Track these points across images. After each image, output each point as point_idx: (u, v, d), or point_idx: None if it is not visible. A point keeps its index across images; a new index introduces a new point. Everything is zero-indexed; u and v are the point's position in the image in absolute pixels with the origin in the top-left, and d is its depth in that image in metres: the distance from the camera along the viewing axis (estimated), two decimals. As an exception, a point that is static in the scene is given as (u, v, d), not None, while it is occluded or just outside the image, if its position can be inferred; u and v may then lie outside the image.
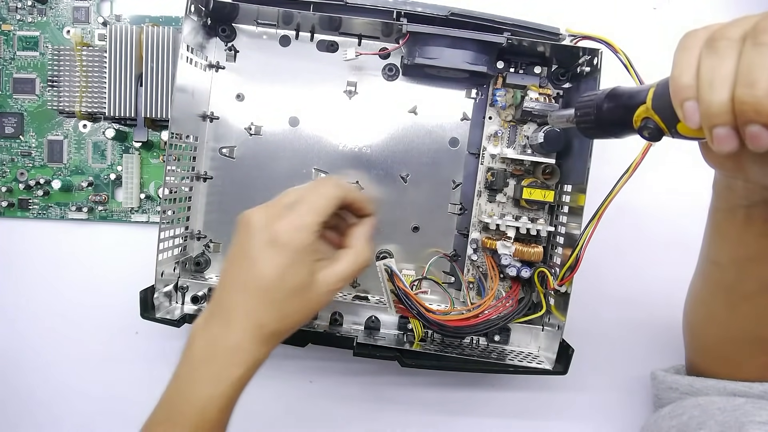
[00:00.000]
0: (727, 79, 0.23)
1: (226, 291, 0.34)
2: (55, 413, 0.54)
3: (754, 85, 0.22)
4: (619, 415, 0.55)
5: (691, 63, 0.24)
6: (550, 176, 0.48)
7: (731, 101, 0.23)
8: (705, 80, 0.23)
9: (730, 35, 0.24)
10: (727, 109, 0.23)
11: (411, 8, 0.44)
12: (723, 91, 0.23)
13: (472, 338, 0.49)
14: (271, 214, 0.33)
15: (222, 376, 0.32)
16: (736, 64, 0.23)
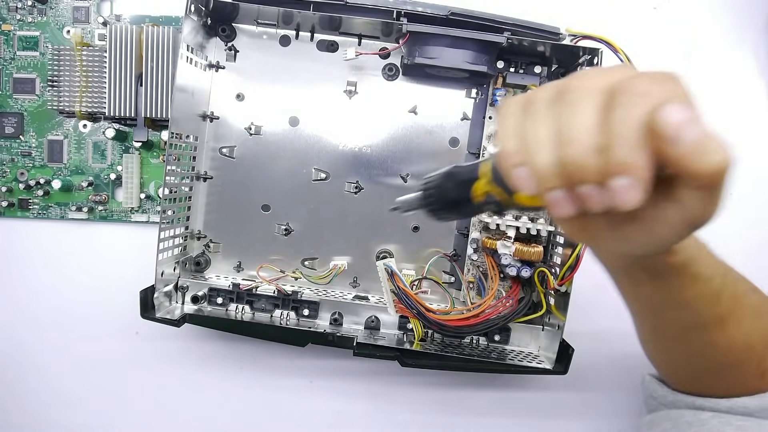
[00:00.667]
0: (547, 141, 0.22)
1: None
2: (55, 413, 0.54)
3: (572, 143, 0.21)
4: (619, 415, 0.55)
5: (513, 129, 0.23)
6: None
7: (557, 163, 0.21)
8: (527, 145, 0.22)
9: (542, 96, 0.23)
10: (555, 171, 0.22)
11: (411, 8, 0.44)
12: (547, 153, 0.22)
13: (472, 338, 0.49)
14: None
15: None
16: (553, 124, 0.22)
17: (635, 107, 0.20)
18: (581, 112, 0.21)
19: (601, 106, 0.21)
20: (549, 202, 0.22)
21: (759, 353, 0.36)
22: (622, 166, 0.20)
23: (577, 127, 0.21)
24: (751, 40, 0.54)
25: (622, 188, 0.20)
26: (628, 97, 0.20)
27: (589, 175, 0.21)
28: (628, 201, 0.20)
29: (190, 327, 0.47)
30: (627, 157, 0.20)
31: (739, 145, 0.55)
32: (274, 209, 0.50)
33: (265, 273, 0.49)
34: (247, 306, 0.49)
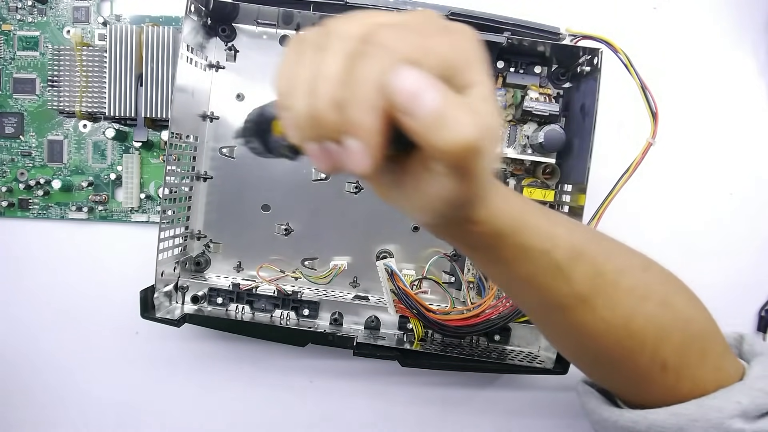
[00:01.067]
0: (303, 87, 0.20)
1: None
2: (55, 413, 0.54)
3: (316, 93, 0.19)
4: (619, 415, 0.55)
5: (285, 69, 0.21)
6: (551, 176, 0.48)
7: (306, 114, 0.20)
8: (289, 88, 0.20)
9: (308, 38, 0.20)
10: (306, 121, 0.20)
11: (411, 8, 0.44)
12: (300, 100, 0.20)
13: (472, 338, 0.49)
14: None
15: None
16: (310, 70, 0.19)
17: (375, 63, 0.18)
18: (328, 60, 0.19)
19: (349, 54, 0.18)
20: (309, 155, 0.21)
21: (651, 342, 0.29)
22: (352, 126, 0.18)
23: (323, 76, 0.19)
24: (751, 40, 0.54)
25: (353, 151, 0.19)
26: (373, 49, 0.18)
27: (327, 129, 0.19)
28: (357, 166, 0.19)
29: (190, 327, 0.47)
30: (358, 118, 0.18)
31: (739, 145, 0.56)
32: (274, 209, 0.50)
33: (265, 273, 0.49)
34: (247, 306, 0.49)
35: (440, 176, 0.20)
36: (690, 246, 0.54)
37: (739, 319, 0.54)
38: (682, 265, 0.56)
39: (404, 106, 0.17)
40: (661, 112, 0.40)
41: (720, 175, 0.54)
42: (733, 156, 0.54)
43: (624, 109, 0.48)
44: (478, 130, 0.18)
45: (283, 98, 0.21)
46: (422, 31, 0.19)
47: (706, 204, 0.54)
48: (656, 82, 0.40)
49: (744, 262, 0.54)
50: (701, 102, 0.54)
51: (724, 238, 0.54)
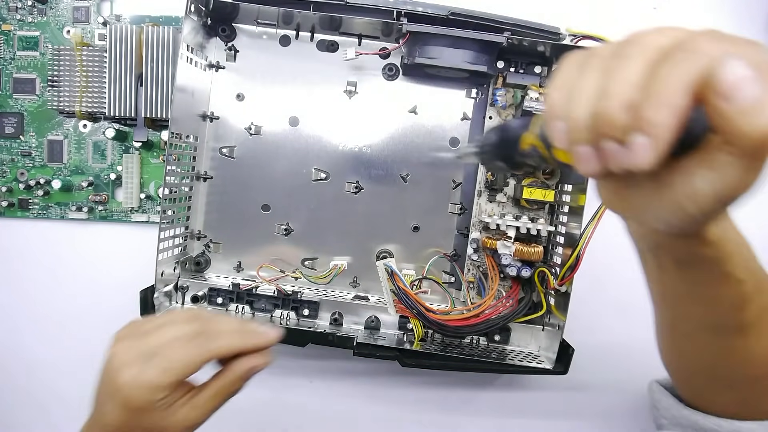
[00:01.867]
0: (588, 93, 0.21)
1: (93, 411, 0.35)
2: (55, 413, 0.54)
3: (607, 96, 0.20)
4: (619, 415, 0.55)
5: (563, 81, 0.23)
6: (551, 176, 0.48)
7: (590, 116, 0.21)
8: (571, 96, 0.22)
9: (601, 53, 0.22)
10: (586, 124, 0.21)
11: (411, 8, 0.44)
12: (582, 106, 0.21)
13: (472, 338, 0.49)
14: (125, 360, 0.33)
15: None
16: (600, 77, 0.21)
17: (685, 63, 0.19)
18: (628, 66, 0.20)
19: (651, 61, 0.20)
20: (576, 158, 0.22)
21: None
22: (644, 122, 0.19)
23: (619, 81, 0.20)
24: (751, 40, 0.54)
25: (639, 147, 0.19)
26: (683, 54, 0.19)
27: (613, 130, 0.20)
28: (641, 160, 0.19)
29: None
30: (653, 113, 0.19)
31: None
32: (274, 209, 0.50)
33: (265, 273, 0.49)
34: (247, 306, 0.49)
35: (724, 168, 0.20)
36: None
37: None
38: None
39: (726, 93, 0.18)
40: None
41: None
42: None
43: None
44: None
45: (559, 107, 0.22)
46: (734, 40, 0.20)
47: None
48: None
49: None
50: (701, 102, 0.54)
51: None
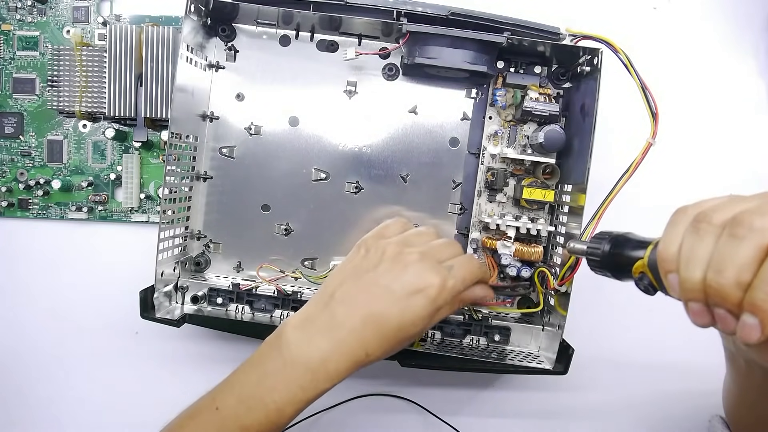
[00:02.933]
0: (702, 261, 0.25)
1: (349, 309, 0.35)
2: (55, 413, 0.54)
3: (721, 272, 0.24)
4: (619, 415, 0.55)
5: (676, 238, 0.27)
6: (551, 176, 0.48)
7: (703, 281, 0.24)
8: (684, 258, 0.26)
9: (713, 220, 0.25)
10: (700, 287, 0.25)
11: (411, 8, 0.44)
12: (697, 271, 0.25)
13: (472, 338, 0.49)
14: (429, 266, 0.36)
15: (311, 384, 0.34)
16: (712, 249, 0.24)
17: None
18: (741, 250, 0.23)
19: (761, 248, 0.23)
20: (689, 310, 0.26)
21: None
22: (755, 307, 0.23)
23: (732, 261, 0.23)
24: (751, 41, 0.54)
25: (748, 325, 0.23)
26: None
27: (726, 303, 0.24)
28: (749, 337, 0.23)
29: (190, 327, 0.47)
30: (764, 302, 0.22)
31: (739, 146, 0.56)
32: (274, 209, 0.50)
33: (265, 273, 0.49)
34: (247, 306, 0.49)
35: None
36: (690, 246, 0.54)
37: (739, 319, 0.54)
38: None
39: None
40: (661, 112, 0.40)
41: (720, 175, 0.54)
42: (733, 156, 0.54)
43: (624, 109, 0.48)
44: None
45: (674, 263, 0.26)
46: None
47: (706, 204, 0.54)
48: (656, 82, 0.40)
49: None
50: (701, 102, 0.54)
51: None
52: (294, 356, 0.34)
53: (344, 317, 0.35)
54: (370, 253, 0.38)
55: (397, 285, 0.35)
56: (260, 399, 0.34)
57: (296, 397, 0.34)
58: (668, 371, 0.54)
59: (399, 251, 0.37)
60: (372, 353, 0.35)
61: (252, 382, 0.35)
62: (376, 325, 0.34)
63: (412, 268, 0.36)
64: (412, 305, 0.35)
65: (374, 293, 0.35)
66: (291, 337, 0.35)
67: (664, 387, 0.55)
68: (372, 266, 0.37)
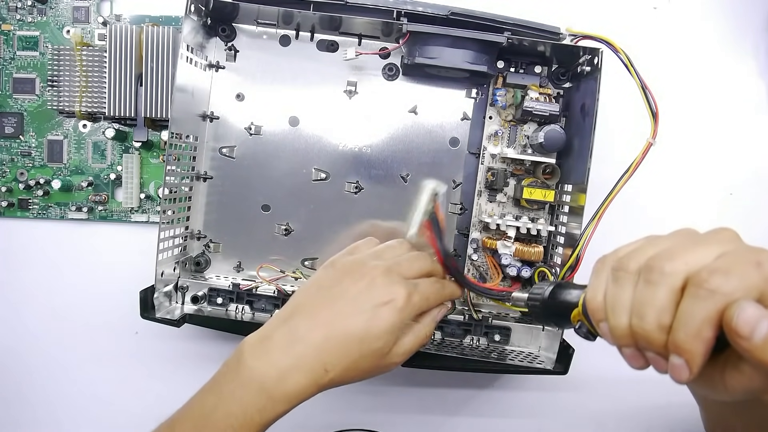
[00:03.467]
0: (625, 309, 0.26)
1: (310, 324, 0.34)
2: (55, 413, 0.54)
3: (643, 318, 0.25)
4: (619, 415, 0.55)
5: (600, 288, 0.28)
6: (551, 176, 0.48)
7: (629, 327, 0.25)
8: (609, 307, 0.27)
9: (629, 268, 0.26)
10: (628, 333, 0.26)
11: (411, 8, 0.44)
12: (623, 318, 0.26)
13: (473, 338, 0.49)
14: (395, 280, 0.35)
15: (267, 406, 0.32)
16: (632, 295, 0.26)
17: (704, 303, 0.23)
18: (657, 295, 0.24)
19: (675, 291, 0.24)
20: (624, 355, 0.27)
21: None
22: (679, 349, 0.23)
23: (651, 306, 0.24)
24: (751, 41, 0.54)
25: (676, 366, 0.24)
26: (702, 292, 0.23)
27: (653, 346, 0.25)
28: (679, 377, 0.24)
29: (190, 327, 0.47)
30: (685, 343, 0.23)
31: (739, 145, 0.56)
32: (274, 209, 0.50)
33: (265, 273, 0.49)
34: (247, 306, 0.49)
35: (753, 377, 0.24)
36: (690, 246, 0.54)
37: (739, 319, 0.54)
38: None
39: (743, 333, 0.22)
40: (661, 112, 0.40)
41: (720, 175, 0.54)
42: (733, 156, 0.54)
43: (624, 109, 0.48)
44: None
45: (601, 312, 0.28)
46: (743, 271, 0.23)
47: (706, 204, 0.54)
48: (656, 82, 0.40)
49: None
50: (701, 102, 0.54)
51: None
52: (251, 375, 0.33)
53: (305, 332, 0.34)
54: (336, 270, 0.37)
55: (362, 297, 0.34)
56: (215, 425, 0.32)
57: (253, 421, 0.32)
58: (668, 371, 0.54)
59: (364, 265, 0.36)
60: (331, 369, 0.33)
61: (209, 407, 0.34)
62: (338, 338, 0.33)
63: (378, 280, 0.35)
64: (377, 316, 0.34)
65: (338, 306, 0.34)
66: (247, 355, 0.34)
67: (664, 387, 0.55)
68: (337, 281, 0.36)
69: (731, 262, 0.24)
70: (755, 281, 0.23)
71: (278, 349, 0.34)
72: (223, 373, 0.35)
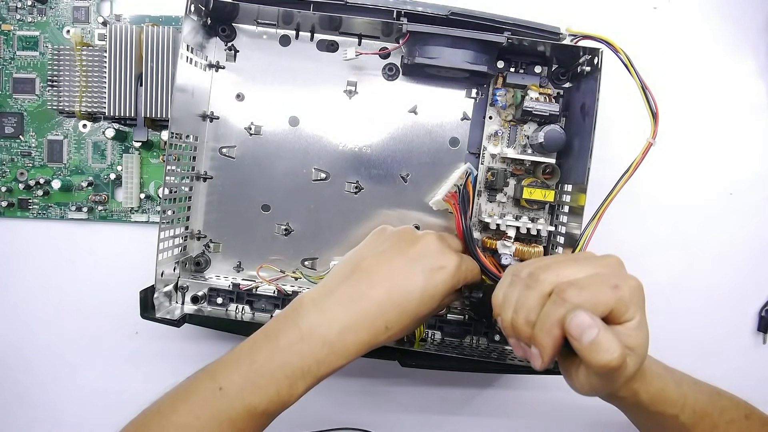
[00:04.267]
0: (511, 306, 0.32)
1: (372, 281, 0.36)
2: (55, 413, 0.54)
3: (518, 313, 0.31)
4: (619, 415, 0.55)
5: (501, 289, 0.34)
6: (551, 176, 0.48)
7: (511, 321, 0.32)
8: (502, 304, 0.33)
9: (521, 274, 0.33)
10: (510, 326, 0.32)
11: (411, 8, 0.44)
12: (508, 313, 0.32)
13: (472, 338, 0.49)
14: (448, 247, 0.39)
15: (327, 359, 0.33)
16: (518, 296, 0.32)
17: (557, 307, 0.29)
18: (530, 297, 0.31)
19: (543, 296, 0.31)
20: (510, 343, 0.33)
21: None
22: (535, 341, 0.30)
23: (524, 305, 0.31)
24: (751, 41, 0.54)
25: (533, 354, 0.30)
26: (556, 298, 0.29)
27: (522, 337, 0.31)
28: (535, 364, 0.30)
29: (190, 327, 0.47)
30: (539, 337, 0.30)
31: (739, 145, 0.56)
32: (274, 209, 0.50)
33: (265, 273, 0.49)
34: (247, 306, 0.49)
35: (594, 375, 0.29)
36: (690, 246, 0.54)
37: (739, 319, 0.54)
38: (683, 265, 0.56)
39: (574, 335, 0.28)
40: (661, 112, 0.40)
41: (720, 175, 0.54)
42: (733, 156, 0.54)
43: (624, 109, 0.48)
44: (620, 355, 0.27)
45: (497, 308, 0.34)
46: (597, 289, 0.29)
47: (706, 204, 0.54)
48: (656, 82, 0.40)
49: (744, 262, 0.54)
50: (701, 102, 0.54)
51: (724, 238, 0.54)
52: (312, 328, 0.34)
53: (367, 289, 0.35)
54: (390, 234, 0.39)
55: (420, 260, 0.37)
56: (271, 375, 0.33)
57: (311, 372, 0.33)
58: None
59: (415, 232, 0.39)
60: (392, 327, 0.35)
61: (262, 357, 0.33)
62: (399, 297, 0.35)
63: (432, 246, 0.38)
64: (434, 278, 0.36)
65: (398, 266, 0.36)
66: (309, 309, 0.35)
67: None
68: (394, 244, 0.38)
69: (591, 281, 0.30)
70: (606, 299, 0.29)
71: (340, 305, 0.35)
72: (278, 325, 0.35)
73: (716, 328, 0.54)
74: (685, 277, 0.54)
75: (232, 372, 0.34)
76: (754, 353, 0.54)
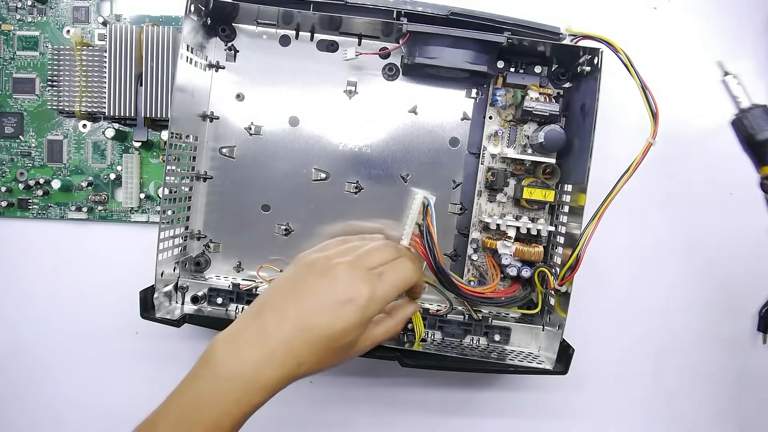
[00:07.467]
0: None
1: (279, 320, 0.35)
2: (55, 413, 0.54)
3: None
4: (619, 415, 0.55)
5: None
6: (551, 176, 0.48)
7: None
8: None
9: None
10: None
11: (411, 8, 0.44)
12: None
13: (472, 338, 0.49)
14: (358, 275, 0.36)
15: (244, 398, 0.33)
16: None
17: None
18: None
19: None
20: None
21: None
22: None
23: None
24: (751, 41, 0.54)
25: None
26: None
27: None
28: None
29: (190, 327, 0.47)
30: None
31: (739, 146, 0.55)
32: (274, 209, 0.50)
33: (265, 273, 0.49)
34: (246, 306, 0.49)
35: None
36: (690, 246, 0.54)
37: (739, 319, 0.54)
38: (683, 266, 0.56)
39: None
40: (661, 112, 0.40)
41: (720, 175, 0.54)
42: (733, 156, 0.54)
43: (624, 109, 0.48)
44: None
45: None
46: None
47: (706, 204, 0.54)
48: (656, 82, 0.40)
49: (744, 262, 0.54)
50: (701, 102, 0.54)
51: (724, 237, 0.54)
52: (225, 370, 0.33)
53: (274, 328, 0.34)
54: (302, 266, 0.38)
55: (326, 295, 0.35)
56: (197, 419, 0.33)
57: (231, 413, 0.33)
58: (669, 372, 0.54)
59: (329, 261, 0.37)
60: (304, 363, 0.34)
61: (187, 402, 0.34)
62: (306, 335, 0.34)
63: (341, 277, 0.35)
64: (341, 315, 0.34)
65: (304, 304, 0.35)
66: (220, 352, 0.34)
67: (664, 388, 0.55)
68: (302, 278, 0.36)
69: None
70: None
71: (249, 345, 0.34)
72: (197, 370, 0.35)
73: (716, 328, 0.54)
74: (684, 278, 0.54)
75: (166, 418, 0.35)
76: (754, 353, 0.54)
